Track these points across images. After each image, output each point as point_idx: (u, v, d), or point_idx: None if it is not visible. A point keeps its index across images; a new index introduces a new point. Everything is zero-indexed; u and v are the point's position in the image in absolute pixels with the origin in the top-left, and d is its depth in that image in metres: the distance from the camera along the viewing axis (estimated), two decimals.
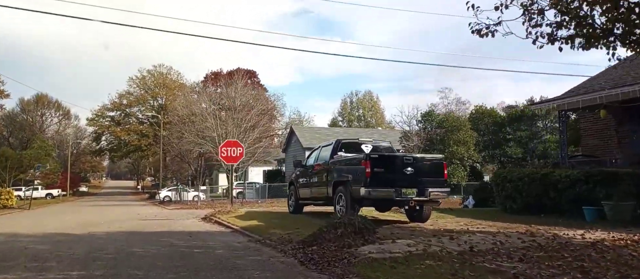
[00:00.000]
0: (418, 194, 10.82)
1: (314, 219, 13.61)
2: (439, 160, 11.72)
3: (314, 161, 13.97)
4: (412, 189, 10.78)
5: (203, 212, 25.38)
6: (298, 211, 15.09)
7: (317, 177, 13.47)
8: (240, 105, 39.14)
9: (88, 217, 22.66)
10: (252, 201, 33.50)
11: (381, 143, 14.28)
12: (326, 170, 12.91)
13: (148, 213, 25.30)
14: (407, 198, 10.76)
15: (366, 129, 54.52)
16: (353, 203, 11.38)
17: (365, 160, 10.88)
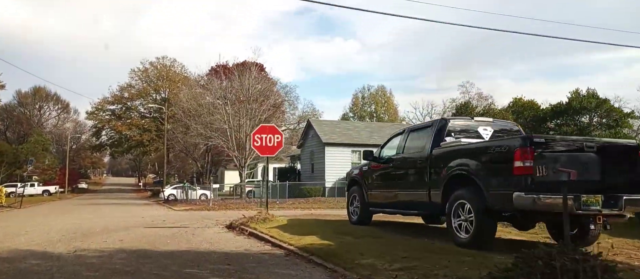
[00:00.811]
0: (606, 204, 6.50)
1: (404, 235, 9.39)
2: (633, 147, 7.28)
3: (398, 152, 9.69)
4: (596, 196, 6.46)
5: (218, 215, 21.13)
6: (365, 220, 10.86)
7: (408, 175, 9.24)
8: (253, 95, 34.88)
9: (82, 221, 18.37)
10: (270, 202, 29.22)
11: (504, 124, 9.83)
12: (426, 165, 8.64)
13: (154, 216, 21.01)
14: (593, 209, 6.45)
15: (389, 123, 50.15)
16: (485, 216, 7.14)
17: (523, 147, 6.60)
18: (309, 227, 11.11)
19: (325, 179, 36.29)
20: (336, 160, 36.58)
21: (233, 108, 34.93)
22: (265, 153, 13.16)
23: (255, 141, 13.06)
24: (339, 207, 27.20)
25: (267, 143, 13.02)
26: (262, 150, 13.07)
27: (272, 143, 13.05)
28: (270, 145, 13.05)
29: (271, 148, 13.10)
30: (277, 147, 13.12)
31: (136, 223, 16.66)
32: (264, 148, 13.07)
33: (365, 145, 37.29)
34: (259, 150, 13.09)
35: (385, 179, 9.95)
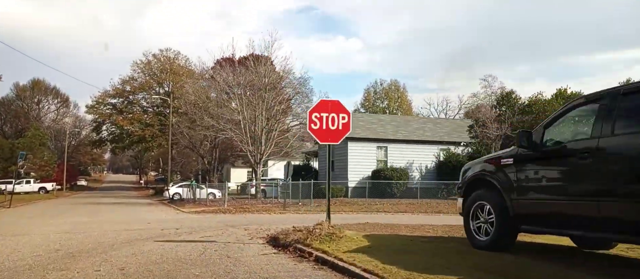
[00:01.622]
0: None
1: None
2: None
3: (595, 134, 5.58)
4: None
5: (240, 220, 17.15)
6: (506, 243, 6.87)
7: (611, 173, 5.26)
8: (271, 84, 30.91)
9: (73, 228, 14.40)
10: (291, 203, 25.23)
11: None
12: None
13: (162, 221, 17.03)
14: None
15: (415, 117, 45.69)
16: None
17: None
18: (415, 253, 7.15)
19: (349, 178, 32.33)
20: (360, 156, 32.65)
21: (247, 98, 30.95)
22: (326, 139, 9.18)
23: (313, 123, 9.07)
24: (373, 210, 23.30)
25: (328, 125, 9.05)
26: (322, 134, 9.10)
27: (336, 125, 9.08)
28: (333, 129, 9.08)
29: (335, 133, 9.13)
30: (343, 131, 9.16)
31: (142, 232, 12.67)
32: (325, 132, 9.10)
33: (392, 141, 33.41)
34: (318, 134, 9.11)
35: (565, 179, 5.96)
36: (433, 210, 24.42)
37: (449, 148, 33.50)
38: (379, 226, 12.70)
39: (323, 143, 9.25)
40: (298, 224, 14.35)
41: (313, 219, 18.14)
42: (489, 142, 28.68)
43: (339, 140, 9.16)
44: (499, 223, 6.75)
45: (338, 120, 9.07)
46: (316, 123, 9.01)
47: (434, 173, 33.40)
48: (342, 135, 9.13)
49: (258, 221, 16.86)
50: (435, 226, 12.87)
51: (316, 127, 9.02)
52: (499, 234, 6.79)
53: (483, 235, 7.13)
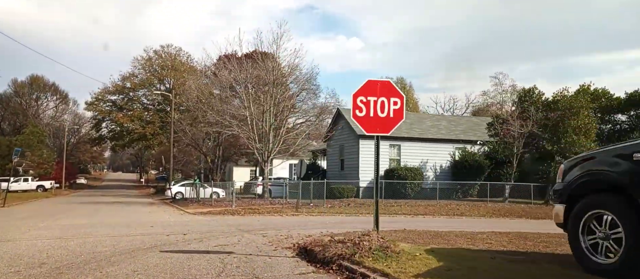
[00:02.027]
0: None
1: None
2: None
3: None
4: None
5: (253, 224, 15.37)
6: (636, 269, 5.04)
7: None
8: (278, 78, 29.09)
9: (66, 232, 12.63)
10: (302, 204, 23.42)
11: None
12: None
13: (167, 224, 15.23)
14: None
15: (429, 114, 43.00)
16: None
17: None
18: None
19: (360, 177, 30.52)
20: (372, 155, 30.74)
21: (254, 93, 29.11)
22: (374, 129, 7.39)
23: (358, 109, 7.28)
24: (391, 213, 21.53)
25: (376, 111, 7.27)
26: (369, 123, 7.31)
27: (386, 112, 7.30)
28: (383, 116, 7.29)
29: (384, 121, 7.35)
30: (394, 119, 7.37)
31: (145, 239, 10.88)
32: (372, 120, 7.32)
33: (405, 139, 31.63)
34: (364, 123, 7.32)
35: None
36: (454, 212, 22.66)
37: (464, 147, 31.73)
38: (423, 234, 10.88)
39: (370, 133, 7.42)
40: (322, 229, 12.61)
41: (335, 223, 16.39)
42: (511, 140, 26.88)
43: (389, 130, 7.37)
44: (633, 240, 4.94)
45: (389, 105, 7.29)
46: (361, 109, 7.23)
47: (448, 173, 31.63)
48: (393, 124, 7.35)
49: (273, 224, 15.09)
50: (487, 234, 11.06)
51: (361, 114, 7.23)
52: (631, 256, 4.98)
53: (601, 256, 5.33)
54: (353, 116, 7.31)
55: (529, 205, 25.96)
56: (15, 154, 29.00)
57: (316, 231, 12.31)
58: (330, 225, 14.97)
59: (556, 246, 8.45)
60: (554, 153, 25.92)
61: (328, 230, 12.82)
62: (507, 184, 27.38)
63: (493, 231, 12.01)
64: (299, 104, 32.12)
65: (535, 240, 9.56)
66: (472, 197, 30.77)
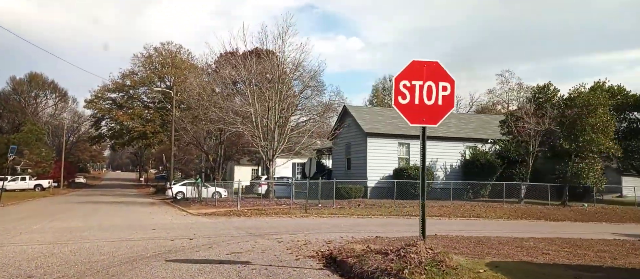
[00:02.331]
0: None
1: None
2: None
3: None
4: None
5: (262, 226, 14.24)
6: None
7: None
8: (284, 73, 27.95)
9: (61, 236, 11.52)
10: (311, 205, 22.25)
11: None
12: None
13: (170, 227, 14.08)
14: None
15: None
16: None
17: None
18: None
19: (368, 177, 29.36)
20: (381, 153, 29.70)
21: (259, 89, 27.96)
22: (419, 119, 6.25)
23: (400, 96, 6.14)
24: (404, 214, 20.39)
25: (423, 98, 6.12)
26: (413, 112, 6.17)
27: (434, 98, 6.17)
28: (430, 103, 6.16)
29: (432, 110, 6.22)
30: (443, 108, 6.24)
31: (147, 244, 9.73)
32: (417, 109, 6.18)
33: (415, 137, 30.39)
34: (407, 112, 6.18)
35: None
36: (470, 213, 21.56)
37: (475, 145, 30.58)
38: (464, 241, 9.71)
39: (414, 124, 6.26)
40: (340, 233, 11.43)
41: (350, 225, 15.23)
42: (527, 139, 25.71)
43: (438, 120, 6.24)
44: None
45: (437, 91, 6.16)
46: (405, 95, 6.09)
47: (459, 172, 30.48)
48: (442, 114, 6.22)
49: (284, 227, 13.95)
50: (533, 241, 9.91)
51: (405, 101, 6.10)
52: None
53: None
54: (395, 103, 6.16)
55: (546, 206, 24.84)
56: (10, 152, 27.86)
57: (335, 236, 11.19)
58: (346, 228, 13.83)
59: (624, 258, 7.31)
60: (571, 152, 24.79)
61: (347, 234, 11.71)
62: (523, 184, 26.23)
63: (533, 237, 10.89)
64: (304, 101, 30.91)
65: (590, 249, 8.43)
66: (483, 197, 29.63)
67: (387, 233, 12.05)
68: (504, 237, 10.58)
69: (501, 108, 52.86)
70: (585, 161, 24.53)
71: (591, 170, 24.54)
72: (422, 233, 6.47)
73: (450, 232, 12.41)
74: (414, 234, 11.54)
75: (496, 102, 54.72)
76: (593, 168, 24.58)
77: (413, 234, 11.85)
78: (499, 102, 54.36)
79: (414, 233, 12.28)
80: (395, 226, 14.79)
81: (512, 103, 50.68)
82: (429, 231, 12.87)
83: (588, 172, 24.48)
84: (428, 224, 16.42)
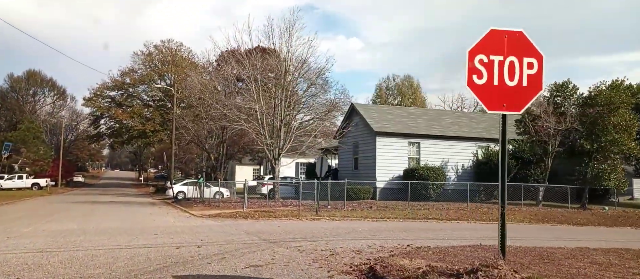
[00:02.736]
0: None
1: None
2: None
3: None
4: None
5: (273, 229, 12.96)
6: None
7: None
8: (290, 69, 26.70)
9: (53, 241, 10.27)
10: (322, 207, 20.93)
11: None
12: None
13: (174, 231, 12.79)
14: None
15: (449, 110, 39.64)
16: None
17: None
18: None
19: (377, 177, 28.09)
20: (390, 153, 28.43)
21: (264, 85, 26.72)
22: (498, 104, 5.00)
23: (475, 74, 4.85)
24: (421, 217, 19.15)
25: (503, 77, 4.86)
26: (492, 95, 4.90)
27: (516, 78, 4.92)
28: (512, 84, 4.88)
29: (515, 93, 4.97)
30: (529, 91, 5.00)
31: (150, 253, 8.44)
32: (496, 92, 4.91)
33: (425, 137, 29.26)
34: (483, 95, 4.92)
35: None
36: (489, 217, 20.25)
37: (488, 145, 29.31)
38: (528, 254, 8.34)
39: (493, 111, 4.99)
40: (364, 241, 10.10)
41: (369, 230, 13.91)
42: (546, 139, 24.44)
43: (522, 106, 5.00)
44: None
45: (521, 68, 4.90)
46: (481, 73, 4.83)
47: (471, 173, 29.23)
48: (528, 98, 4.98)
49: (299, 232, 12.66)
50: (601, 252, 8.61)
51: (481, 80, 4.84)
52: None
53: None
54: (468, 84, 4.89)
55: (566, 209, 23.57)
56: (5, 149, 26.56)
57: (361, 245, 9.92)
58: (367, 234, 12.55)
59: None
60: (592, 152, 23.56)
61: (372, 242, 10.45)
62: (541, 186, 24.96)
63: (599, 248, 9.61)
64: (311, 99, 29.51)
65: None
66: (496, 199, 28.37)
67: (416, 240, 10.79)
68: (568, 248, 9.33)
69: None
70: (607, 162, 23.29)
71: (613, 171, 23.31)
72: (502, 250, 5.17)
73: (483, 239, 11.16)
74: (453, 242, 10.28)
75: None
76: (615, 169, 23.35)
77: (447, 241, 10.60)
78: None
79: (448, 240, 11.02)
80: (420, 232, 13.52)
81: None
82: (465, 239, 11.66)
83: (610, 174, 23.26)
84: (452, 228, 15.19)
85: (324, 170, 19.17)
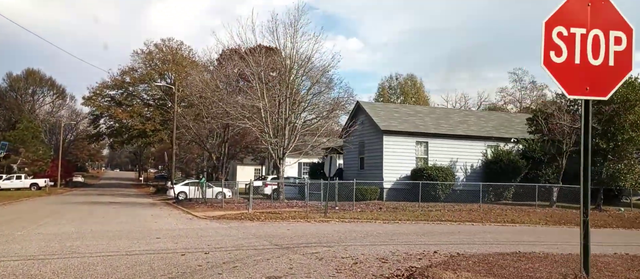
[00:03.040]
0: None
1: None
2: None
3: None
4: None
5: (283, 233, 12.12)
6: None
7: None
8: (297, 65, 25.86)
9: (46, 247, 9.44)
10: (337, 209, 20.04)
11: None
12: None
13: (177, 235, 11.93)
14: None
15: (457, 109, 37.11)
16: None
17: None
18: None
19: (384, 177, 27.23)
20: (397, 152, 27.57)
21: (269, 82, 25.85)
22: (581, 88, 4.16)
23: (554, 50, 3.97)
24: (433, 219, 18.31)
25: (586, 55, 3.98)
26: (572, 76, 4.06)
27: (601, 56, 4.06)
28: (597, 64, 4.00)
29: (600, 74, 4.08)
30: (617, 71, 4.12)
31: (152, 261, 7.57)
32: (577, 71, 4.05)
33: (433, 135, 28.42)
34: (562, 75, 4.06)
35: None
36: (503, 219, 19.44)
37: (497, 144, 28.45)
38: (570, 262, 7.47)
39: (573, 96, 4.13)
40: (384, 246, 9.15)
41: (385, 233, 13.06)
42: (560, 137, 23.55)
43: (608, 90, 4.21)
44: None
45: (606, 44, 4.03)
46: (560, 50, 3.98)
47: (480, 173, 28.36)
48: (615, 80, 4.17)
49: (312, 235, 11.81)
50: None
51: (560, 58, 4.03)
52: None
53: None
54: (544, 63, 4.06)
55: None
56: (1, 148, 25.65)
57: (383, 251, 9.06)
58: (385, 238, 11.71)
59: None
60: (607, 151, 22.73)
61: (394, 247, 9.60)
62: (555, 186, 24.09)
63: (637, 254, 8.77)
64: (315, 97, 28.53)
65: None
66: (506, 200, 27.55)
67: (440, 246, 9.94)
68: (619, 255, 8.50)
69: (513, 107, 50.81)
70: (624, 162, 22.46)
71: (630, 171, 22.47)
72: (585, 266, 4.31)
73: (513, 244, 10.31)
74: (481, 248, 9.36)
75: (508, 101, 52.62)
76: (632, 169, 22.50)
77: (474, 247, 9.69)
78: (511, 101, 52.26)
79: (474, 245, 10.13)
80: (440, 236, 12.68)
81: (525, 101, 48.60)
82: (491, 243, 10.80)
83: (626, 174, 22.42)
84: (471, 232, 14.30)
85: (333, 170, 18.27)
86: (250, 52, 26.41)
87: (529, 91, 49.61)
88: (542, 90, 48.10)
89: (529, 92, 49.94)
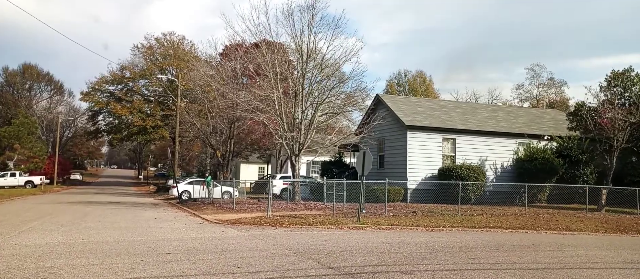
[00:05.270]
0: None
1: None
2: None
3: None
4: None
5: (322, 246, 9.31)
6: None
7: None
8: (313, 52, 23.24)
9: (13, 271, 6.63)
10: (364, 212, 17.38)
11: None
12: None
13: (190, 247, 9.26)
14: None
15: (485, 104, 34.48)
16: None
17: None
18: None
19: (408, 177, 24.59)
20: (422, 150, 24.94)
21: (283, 71, 23.25)
22: None
23: None
24: (479, 225, 15.74)
25: None
26: None
27: None
28: None
29: None
30: None
31: None
32: None
33: (461, 131, 25.81)
34: None
35: None
36: (555, 226, 16.87)
37: (530, 142, 25.85)
38: None
39: None
40: (461, 271, 6.57)
41: (445, 246, 10.18)
42: (611, 134, 20.83)
43: None
44: None
45: None
46: None
47: (512, 173, 25.76)
48: None
49: (364, 250, 9.18)
50: None
51: None
52: None
53: None
54: None
55: (636, 216, 20.08)
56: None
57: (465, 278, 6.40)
58: (462, 256, 9.06)
59: None
60: None
61: (504, 276, 6.94)
62: (605, 188, 21.47)
63: None
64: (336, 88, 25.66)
65: None
66: (540, 203, 24.96)
67: (549, 271, 7.31)
68: None
69: (529, 105, 48.23)
70: None
71: None
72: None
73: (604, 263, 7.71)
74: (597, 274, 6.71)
75: (525, 99, 49.98)
76: None
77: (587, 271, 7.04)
78: (528, 98, 49.63)
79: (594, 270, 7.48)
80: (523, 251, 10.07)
81: (542, 98, 46.04)
82: (619, 268, 8.11)
83: None
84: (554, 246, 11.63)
85: (367, 168, 15.60)
86: (263, 42, 23.81)
87: (546, 87, 47.10)
88: (560, 87, 45.64)
89: (547, 88, 47.43)
